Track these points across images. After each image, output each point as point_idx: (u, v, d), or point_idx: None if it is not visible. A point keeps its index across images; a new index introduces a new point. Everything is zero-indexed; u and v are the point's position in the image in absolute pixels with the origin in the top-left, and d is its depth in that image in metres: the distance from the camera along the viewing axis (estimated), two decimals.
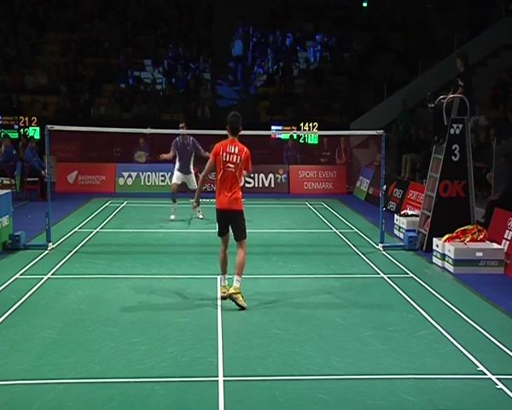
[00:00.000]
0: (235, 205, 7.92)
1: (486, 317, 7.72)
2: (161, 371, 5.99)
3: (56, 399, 5.43)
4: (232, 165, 7.86)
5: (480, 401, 5.53)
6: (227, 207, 7.92)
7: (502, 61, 20.52)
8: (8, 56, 24.02)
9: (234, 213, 7.94)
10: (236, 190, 7.95)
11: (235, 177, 7.90)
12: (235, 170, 7.88)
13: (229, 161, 7.87)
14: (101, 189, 18.72)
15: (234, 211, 7.93)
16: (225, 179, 7.90)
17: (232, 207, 7.91)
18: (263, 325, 7.29)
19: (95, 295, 8.44)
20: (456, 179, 11.12)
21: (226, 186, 7.90)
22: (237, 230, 7.99)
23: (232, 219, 7.97)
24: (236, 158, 7.88)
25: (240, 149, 7.95)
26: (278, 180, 19.63)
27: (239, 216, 7.98)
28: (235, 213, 7.95)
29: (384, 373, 6.02)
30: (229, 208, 7.92)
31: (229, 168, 7.86)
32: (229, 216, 7.98)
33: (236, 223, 7.98)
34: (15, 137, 20.62)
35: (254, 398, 5.51)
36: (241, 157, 7.90)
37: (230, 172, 7.87)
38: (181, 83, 23.74)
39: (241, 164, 7.90)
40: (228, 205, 7.91)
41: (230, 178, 7.89)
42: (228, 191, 7.90)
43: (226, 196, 7.91)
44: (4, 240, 10.93)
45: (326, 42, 25.94)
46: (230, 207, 7.91)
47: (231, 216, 7.97)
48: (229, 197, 7.89)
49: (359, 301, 8.29)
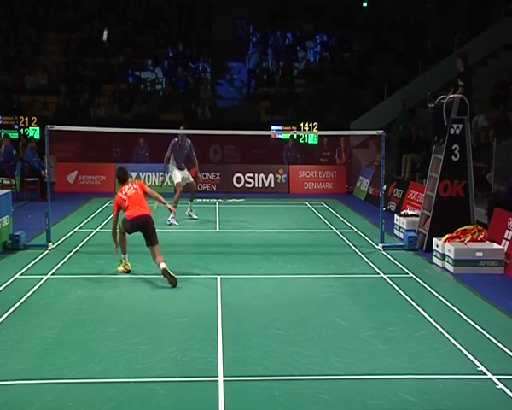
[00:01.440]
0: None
1: (486, 317, 7.72)
2: (161, 371, 5.99)
3: (56, 399, 5.44)
4: (131, 190, 9.45)
5: (479, 401, 5.54)
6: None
7: (502, 61, 20.52)
8: (8, 56, 24.01)
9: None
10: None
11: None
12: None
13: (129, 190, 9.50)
14: (101, 189, 18.70)
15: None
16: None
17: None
18: (263, 325, 7.29)
19: (95, 295, 8.44)
20: (456, 179, 11.12)
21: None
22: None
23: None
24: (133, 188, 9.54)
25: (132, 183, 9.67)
26: (278, 180, 19.63)
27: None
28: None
29: (384, 373, 6.02)
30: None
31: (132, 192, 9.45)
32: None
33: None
34: (15, 137, 20.61)
35: (254, 398, 5.51)
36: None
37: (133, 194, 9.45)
38: (181, 83, 23.74)
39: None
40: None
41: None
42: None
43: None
44: (4, 240, 10.93)
45: (326, 42, 25.94)
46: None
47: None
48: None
49: (359, 301, 8.29)
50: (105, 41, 16.67)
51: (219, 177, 19.36)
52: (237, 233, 12.94)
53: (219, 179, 19.33)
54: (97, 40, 25.05)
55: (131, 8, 26.79)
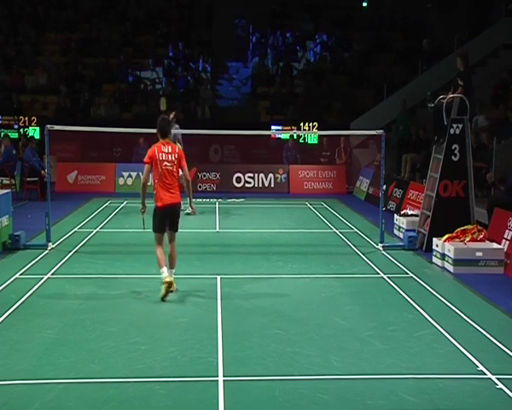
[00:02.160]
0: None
1: (486, 317, 7.72)
2: (161, 371, 5.99)
3: (56, 399, 5.43)
4: (168, 163, 8.23)
5: (479, 400, 5.54)
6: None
7: (502, 60, 20.51)
8: (8, 56, 24.01)
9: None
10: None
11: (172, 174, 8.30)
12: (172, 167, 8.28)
13: (166, 159, 8.25)
14: (101, 189, 18.71)
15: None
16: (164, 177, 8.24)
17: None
18: (263, 325, 7.29)
19: (95, 295, 8.44)
20: (456, 179, 11.12)
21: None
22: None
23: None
24: (171, 156, 8.30)
25: (173, 148, 8.42)
26: (278, 180, 19.63)
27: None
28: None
29: (384, 373, 6.02)
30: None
31: (167, 166, 8.22)
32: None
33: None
34: (15, 136, 20.61)
35: (254, 398, 5.51)
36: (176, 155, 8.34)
37: (168, 170, 8.24)
38: (181, 83, 23.74)
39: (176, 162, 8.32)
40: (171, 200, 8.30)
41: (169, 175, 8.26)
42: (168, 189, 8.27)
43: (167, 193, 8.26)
44: (4, 240, 10.93)
45: (326, 42, 25.94)
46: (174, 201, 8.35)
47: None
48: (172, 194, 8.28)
49: (359, 301, 8.29)
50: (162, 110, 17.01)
51: (219, 177, 19.37)
52: (237, 233, 12.94)
53: (219, 179, 19.33)
54: (97, 40, 25.05)
55: (131, 8, 26.79)
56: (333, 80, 24.03)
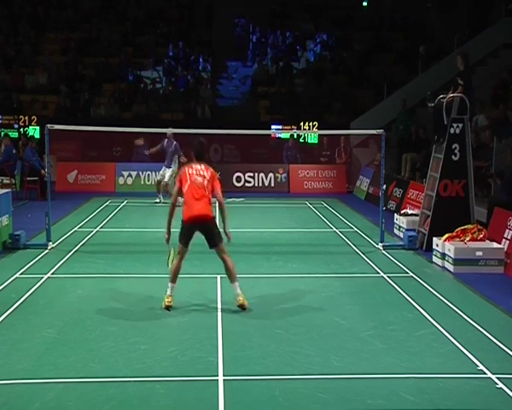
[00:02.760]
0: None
1: (486, 316, 7.72)
2: (161, 371, 5.99)
3: (56, 398, 5.43)
4: (199, 177, 8.01)
5: (480, 400, 5.53)
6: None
7: (502, 60, 20.52)
8: (8, 56, 24.02)
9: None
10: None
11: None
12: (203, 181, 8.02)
13: (197, 174, 8.03)
14: (101, 188, 18.71)
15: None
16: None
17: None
18: (263, 325, 7.29)
19: (95, 294, 8.44)
20: (456, 179, 11.12)
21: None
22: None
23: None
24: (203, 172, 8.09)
25: (207, 168, 8.20)
26: (278, 180, 19.63)
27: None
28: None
29: (384, 373, 6.02)
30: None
31: (197, 180, 7.98)
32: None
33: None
34: (15, 136, 20.61)
35: (254, 397, 5.51)
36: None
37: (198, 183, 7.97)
38: (181, 82, 23.74)
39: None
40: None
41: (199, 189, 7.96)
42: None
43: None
44: (4, 239, 10.93)
45: (326, 41, 25.94)
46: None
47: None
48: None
49: (359, 301, 8.29)
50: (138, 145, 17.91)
51: (219, 176, 19.18)
52: (237, 232, 12.84)
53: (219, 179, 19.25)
54: (97, 40, 25.06)
55: (131, 8, 26.79)
56: (333, 80, 24.03)
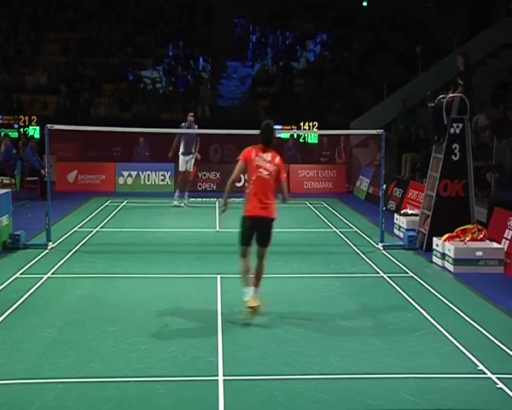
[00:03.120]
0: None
1: (486, 316, 7.72)
2: (161, 371, 5.99)
3: (56, 398, 5.43)
4: (265, 171, 7.36)
5: (480, 400, 5.53)
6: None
7: (502, 60, 20.53)
8: (8, 56, 24.02)
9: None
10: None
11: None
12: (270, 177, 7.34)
13: (263, 166, 7.38)
14: (101, 188, 18.71)
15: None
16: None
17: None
18: (263, 325, 7.29)
19: (95, 294, 8.44)
20: (456, 179, 11.12)
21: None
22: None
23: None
24: (270, 166, 7.41)
25: (274, 157, 7.45)
26: None
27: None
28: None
29: (384, 373, 6.02)
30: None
31: (262, 174, 7.34)
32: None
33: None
34: (15, 136, 20.62)
35: (254, 397, 5.51)
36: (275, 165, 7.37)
37: (263, 178, 7.35)
38: (181, 82, 23.74)
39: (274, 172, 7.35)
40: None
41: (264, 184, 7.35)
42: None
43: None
44: (4, 239, 10.93)
45: (326, 41, 25.95)
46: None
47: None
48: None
49: (359, 301, 8.29)
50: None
51: (219, 176, 19.34)
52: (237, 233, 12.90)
53: (219, 179, 19.30)
54: (97, 40, 25.06)
55: (131, 8, 26.79)
56: (333, 80, 24.03)
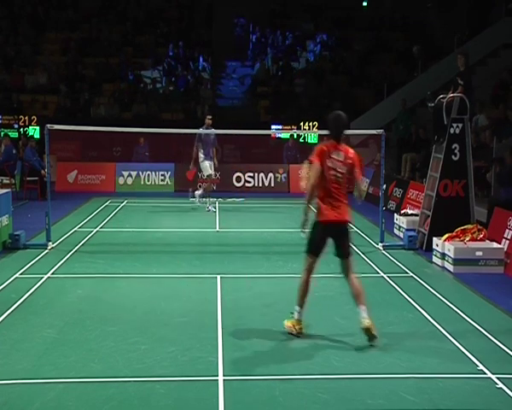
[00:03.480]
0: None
1: (486, 316, 7.72)
2: (161, 371, 5.98)
3: (56, 398, 5.43)
4: (338, 173, 6.72)
5: (479, 400, 5.53)
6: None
7: (502, 60, 20.53)
8: (8, 56, 24.03)
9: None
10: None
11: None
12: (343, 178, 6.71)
13: (334, 168, 6.73)
14: (101, 188, 18.73)
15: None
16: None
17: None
18: (263, 325, 7.29)
19: (95, 294, 8.44)
20: (456, 179, 11.12)
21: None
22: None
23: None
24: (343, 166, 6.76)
25: (346, 154, 6.87)
26: (278, 179, 19.63)
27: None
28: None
29: (384, 373, 6.02)
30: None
31: (335, 176, 6.71)
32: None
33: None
34: (15, 136, 20.65)
35: (254, 397, 5.50)
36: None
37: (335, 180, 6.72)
38: (181, 82, 23.74)
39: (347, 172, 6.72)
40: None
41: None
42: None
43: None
44: (4, 239, 10.93)
45: (326, 41, 25.95)
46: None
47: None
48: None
49: None
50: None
51: (219, 176, 19.32)
52: (237, 232, 12.94)
53: (219, 179, 19.31)
54: (97, 40, 25.06)
55: (131, 8, 26.80)
56: (333, 80, 24.04)
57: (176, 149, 20.77)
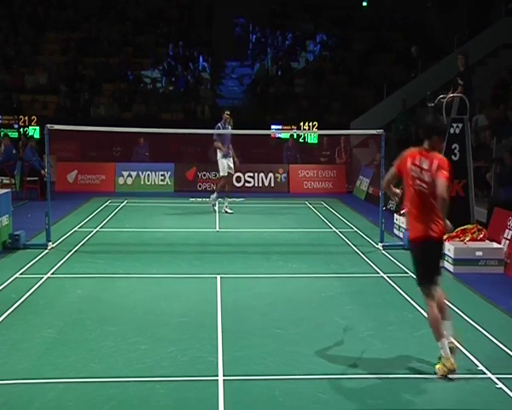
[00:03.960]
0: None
1: (486, 316, 7.72)
2: (161, 371, 5.99)
3: (56, 398, 5.43)
4: (423, 183, 5.95)
5: (480, 400, 5.53)
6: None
7: (502, 60, 20.53)
8: (8, 56, 24.02)
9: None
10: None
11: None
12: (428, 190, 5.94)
13: (419, 177, 5.99)
14: (100, 188, 18.71)
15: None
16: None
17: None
18: (263, 325, 7.29)
19: (95, 294, 8.44)
20: (456, 179, 11.11)
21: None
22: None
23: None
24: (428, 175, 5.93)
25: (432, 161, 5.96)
26: (278, 180, 19.63)
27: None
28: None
29: (383, 373, 6.02)
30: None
31: (420, 187, 5.96)
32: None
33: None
34: (15, 136, 20.63)
35: (254, 397, 5.51)
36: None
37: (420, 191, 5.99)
38: (181, 82, 23.74)
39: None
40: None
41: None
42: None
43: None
44: (4, 239, 10.92)
45: (326, 41, 25.96)
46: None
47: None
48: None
49: (359, 301, 8.28)
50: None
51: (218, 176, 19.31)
52: (237, 232, 12.94)
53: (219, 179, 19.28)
54: (97, 40, 25.06)
55: (131, 7, 26.80)
56: (333, 80, 24.04)
57: (176, 149, 20.79)
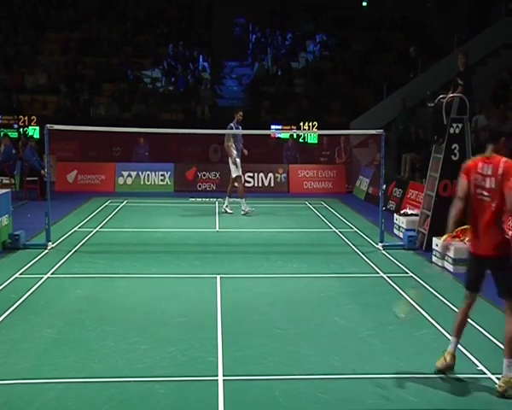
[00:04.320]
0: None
1: (486, 316, 7.71)
2: (161, 371, 5.99)
3: (56, 398, 5.43)
4: (485, 192, 5.68)
5: (479, 400, 5.54)
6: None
7: (502, 60, 20.52)
8: (8, 56, 24.02)
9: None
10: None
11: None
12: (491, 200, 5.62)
13: (481, 185, 5.72)
14: (100, 188, 18.71)
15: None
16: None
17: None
18: (263, 325, 7.29)
19: (94, 294, 8.44)
20: (456, 179, 11.06)
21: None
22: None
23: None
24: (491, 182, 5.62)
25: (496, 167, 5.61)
26: (278, 180, 19.63)
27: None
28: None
29: (384, 373, 6.02)
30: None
31: (482, 197, 5.72)
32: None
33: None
34: (15, 136, 20.61)
35: (254, 397, 5.51)
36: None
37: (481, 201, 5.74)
38: (181, 82, 23.74)
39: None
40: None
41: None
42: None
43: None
44: (4, 239, 10.93)
45: (326, 41, 25.95)
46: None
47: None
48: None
49: (359, 301, 8.29)
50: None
51: (219, 176, 19.33)
52: (237, 232, 12.94)
53: (219, 179, 19.30)
54: (97, 40, 25.06)
55: (131, 7, 26.79)
56: (333, 80, 24.03)
57: (175, 149, 20.79)
